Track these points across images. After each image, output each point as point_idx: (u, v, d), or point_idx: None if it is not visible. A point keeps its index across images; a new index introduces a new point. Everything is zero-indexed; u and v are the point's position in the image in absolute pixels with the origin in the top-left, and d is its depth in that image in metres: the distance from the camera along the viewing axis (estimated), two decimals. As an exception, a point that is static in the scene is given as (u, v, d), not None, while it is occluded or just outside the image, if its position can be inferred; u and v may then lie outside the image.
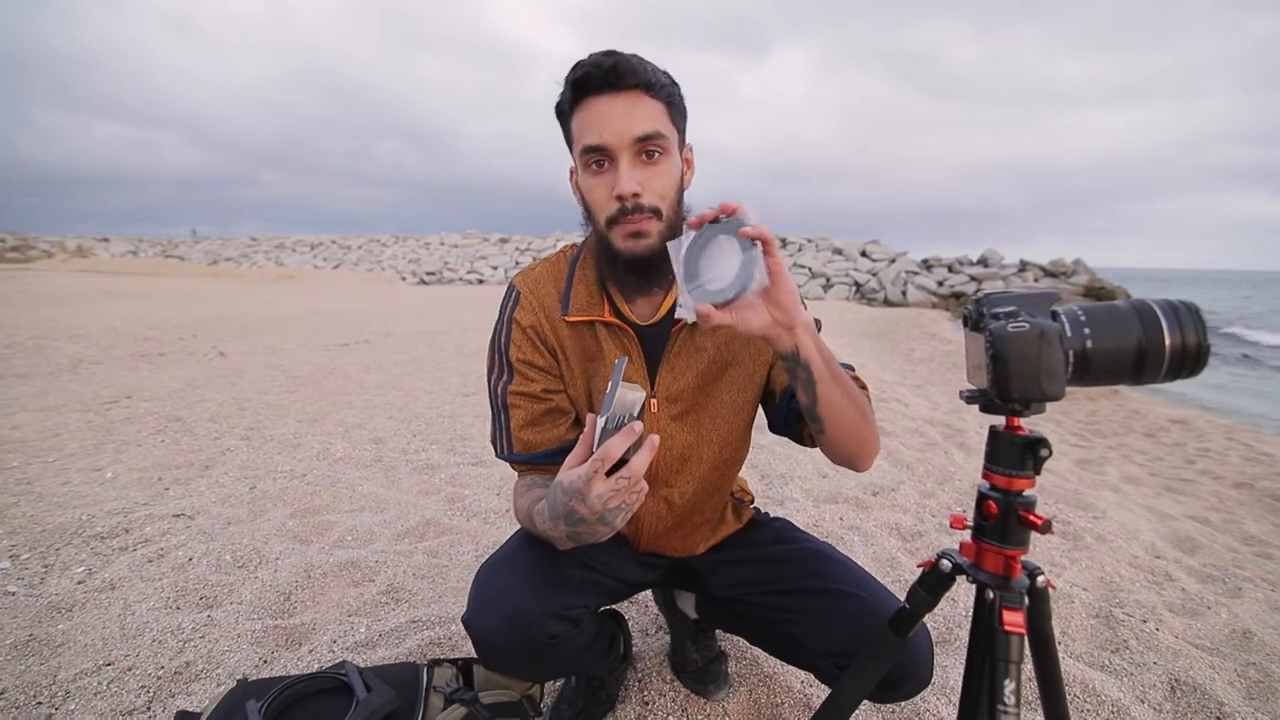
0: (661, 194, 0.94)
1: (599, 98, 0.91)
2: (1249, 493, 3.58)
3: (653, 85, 0.92)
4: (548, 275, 1.08)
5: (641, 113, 0.91)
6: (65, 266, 27.05)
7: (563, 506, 0.81)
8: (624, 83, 0.90)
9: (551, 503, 0.84)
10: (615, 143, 0.90)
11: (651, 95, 0.92)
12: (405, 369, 5.30)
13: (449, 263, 31.95)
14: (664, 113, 0.94)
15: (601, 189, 0.94)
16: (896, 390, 5.18)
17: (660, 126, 0.92)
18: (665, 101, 0.94)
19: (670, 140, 0.94)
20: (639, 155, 0.92)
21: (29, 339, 6.19)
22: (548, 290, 1.07)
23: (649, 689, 1.41)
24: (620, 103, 0.91)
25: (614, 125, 0.90)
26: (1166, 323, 0.66)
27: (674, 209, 0.96)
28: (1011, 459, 0.71)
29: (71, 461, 2.77)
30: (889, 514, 2.42)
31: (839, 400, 0.88)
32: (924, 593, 0.80)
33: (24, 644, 1.49)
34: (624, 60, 0.90)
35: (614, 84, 0.90)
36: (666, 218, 0.95)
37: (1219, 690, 1.45)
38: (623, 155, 0.91)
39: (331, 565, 1.90)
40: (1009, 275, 23.43)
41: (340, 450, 3.05)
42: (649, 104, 0.92)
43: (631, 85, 0.90)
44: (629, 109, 0.90)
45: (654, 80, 0.92)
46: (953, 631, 1.65)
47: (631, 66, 0.90)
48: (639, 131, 0.90)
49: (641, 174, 0.92)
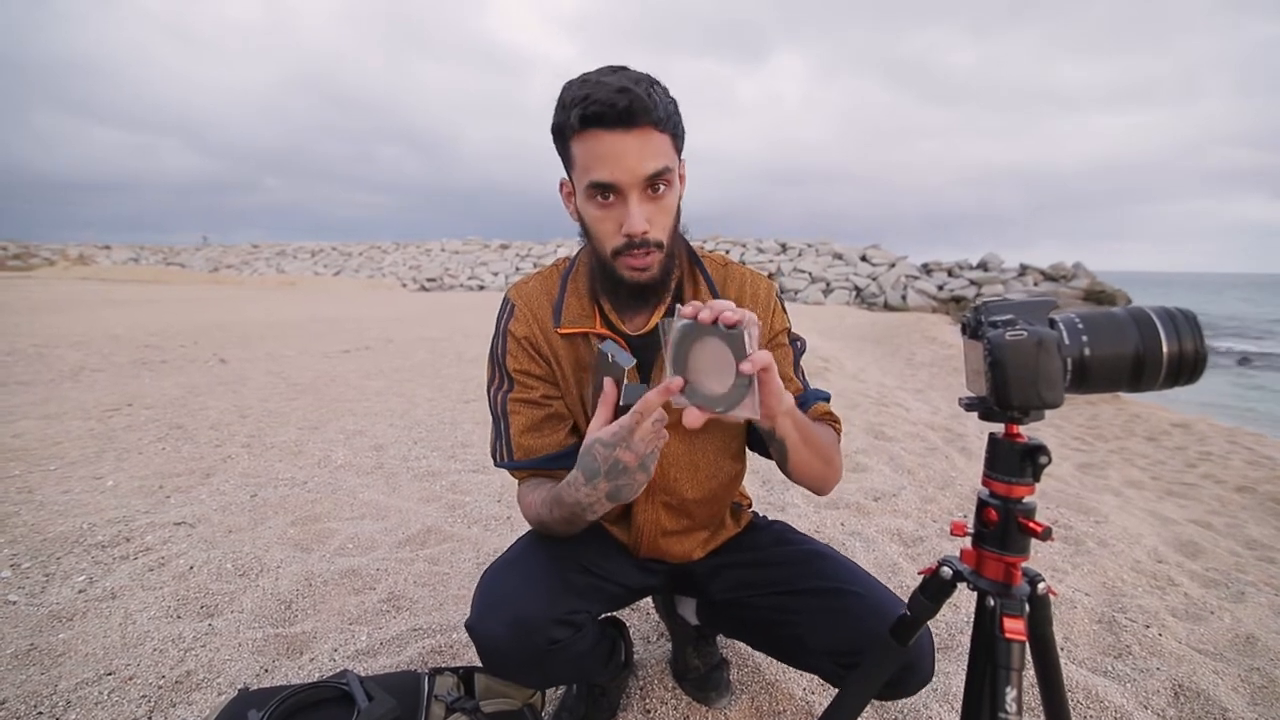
0: (663, 227, 0.95)
1: (610, 133, 0.89)
2: (1251, 497, 3.58)
3: (661, 120, 0.90)
4: (540, 288, 1.10)
5: (651, 150, 0.90)
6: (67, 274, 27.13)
7: (605, 461, 0.84)
8: (637, 121, 0.89)
9: (587, 465, 0.86)
10: (627, 181, 0.90)
11: (660, 129, 0.91)
12: (406, 376, 5.30)
13: (450, 269, 32.01)
14: (670, 145, 0.93)
15: (609, 222, 0.94)
16: (897, 395, 5.18)
17: (669, 161, 0.92)
18: (671, 133, 0.93)
19: (675, 172, 0.95)
20: (647, 191, 0.92)
21: (31, 346, 6.20)
22: (541, 303, 1.08)
23: (650, 697, 1.41)
24: (632, 141, 0.89)
25: (626, 164, 0.90)
26: (1164, 330, 0.67)
27: (672, 236, 0.98)
28: (1011, 466, 0.71)
29: (73, 469, 2.77)
30: (890, 519, 2.41)
31: (807, 459, 0.96)
32: (925, 600, 0.80)
33: (25, 653, 1.49)
34: (638, 98, 0.88)
35: (626, 121, 0.89)
36: (667, 246, 0.97)
37: (1222, 696, 1.45)
38: (633, 193, 0.91)
39: (332, 573, 1.90)
40: (1009, 279, 23.45)
41: (341, 457, 3.05)
42: (658, 140, 0.91)
43: (644, 122, 0.89)
44: (640, 147, 0.90)
45: (663, 114, 0.91)
46: (954, 638, 1.64)
47: (645, 105, 0.88)
48: (650, 170, 0.90)
49: (648, 209, 0.93)
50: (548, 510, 0.99)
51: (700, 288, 1.08)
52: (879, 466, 3.03)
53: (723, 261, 1.12)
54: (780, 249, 28.75)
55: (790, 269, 26.18)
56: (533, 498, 1.04)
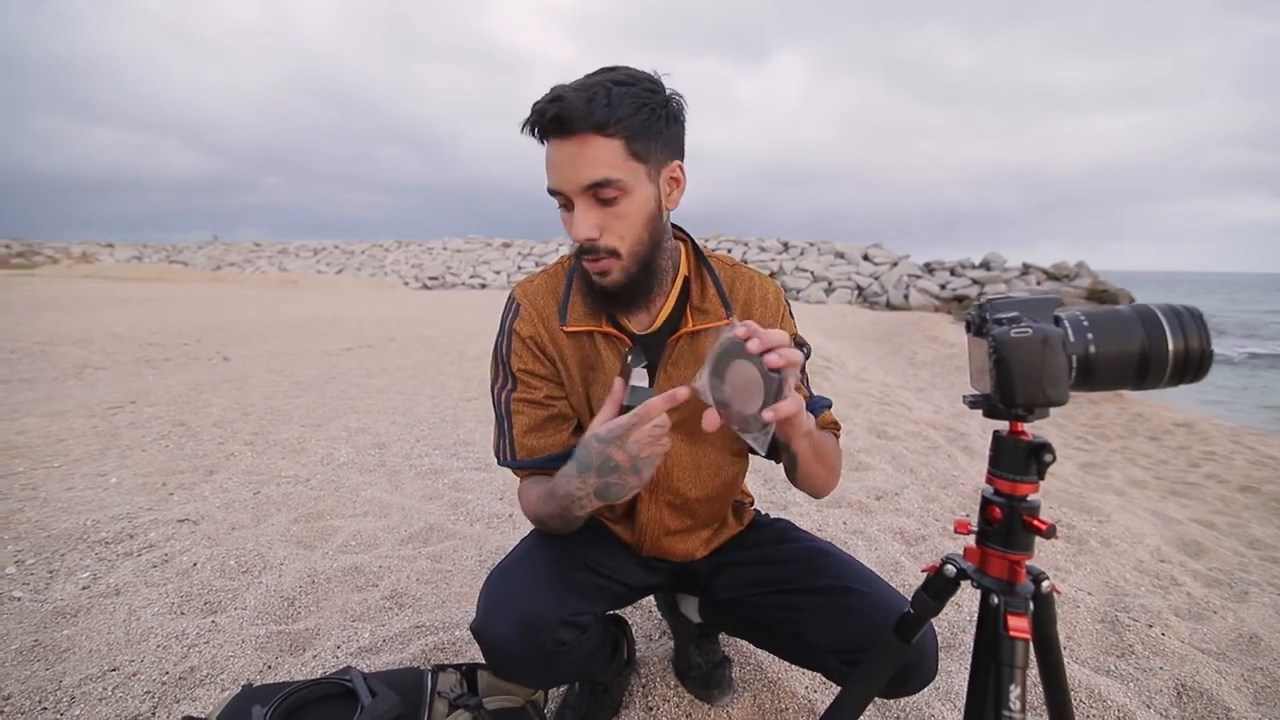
0: (621, 234, 0.92)
1: (552, 141, 0.89)
2: (1255, 496, 3.57)
3: (605, 124, 0.86)
4: (546, 286, 1.09)
5: (590, 159, 0.87)
6: (71, 273, 27.19)
7: (598, 455, 0.84)
8: (572, 128, 0.86)
9: (582, 457, 0.87)
10: (568, 189, 0.90)
11: (606, 135, 0.87)
12: (408, 374, 5.31)
13: (451, 267, 32.03)
14: (620, 151, 0.88)
15: (567, 226, 0.93)
16: (899, 394, 5.17)
17: (611, 170, 0.88)
18: (625, 137, 0.88)
19: (627, 180, 0.89)
20: (592, 199, 0.90)
21: (34, 344, 6.22)
22: (546, 301, 1.08)
23: (653, 694, 1.41)
24: (568, 149, 0.88)
25: (563, 172, 0.89)
26: (1169, 327, 0.66)
27: (638, 244, 0.94)
28: (1015, 464, 0.71)
29: (76, 467, 2.78)
30: (892, 518, 2.41)
31: (814, 470, 1.00)
32: (928, 598, 0.80)
33: (29, 649, 1.49)
34: (568, 105, 0.85)
35: (559, 130, 0.87)
36: (629, 254, 0.94)
37: (1226, 695, 1.44)
38: (577, 201, 0.90)
39: (335, 570, 1.90)
40: (1011, 278, 23.40)
41: (344, 455, 3.05)
42: (600, 147, 0.87)
43: (581, 130, 0.86)
44: (576, 156, 0.87)
45: (607, 118, 0.86)
46: (957, 636, 1.64)
47: (578, 110, 0.85)
48: (587, 179, 0.88)
49: (597, 217, 0.91)
50: (544, 504, 1.00)
51: (707, 288, 1.07)
52: (881, 465, 3.03)
53: (731, 263, 1.12)
54: (782, 248, 28.73)
55: (792, 268, 26.16)
56: (532, 493, 1.05)
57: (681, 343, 1.05)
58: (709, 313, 1.05)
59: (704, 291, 1.07)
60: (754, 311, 1.08)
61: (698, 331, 1.05)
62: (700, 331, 1.05)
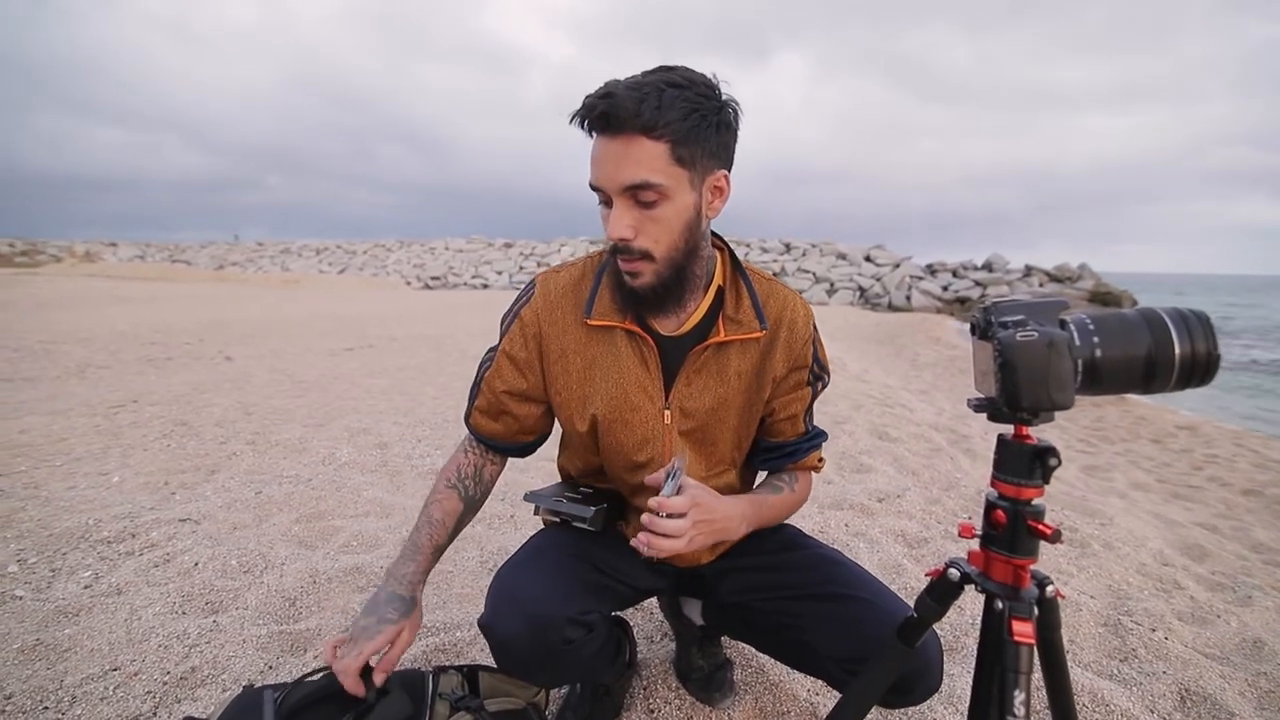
0: (656, 238, 0.92)
1: (599, 137, 0.89)
2: (1258, 500, 3.56)
3: (652, 126, 0.84)
4: (571, 280, 1.09)
5: (632, 160, 0.86)
6: (74, 271, 27.25)
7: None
8: (619, 127, 0.85)
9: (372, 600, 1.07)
10: (608, 186, 0.89)
11: (652, 137, 0.85)
12: (410, 374, 5.31)
13: (453, 268, 32.05)
14: (664, 155, 0.87)
15: (605, 222, 0.93)
16: (901, 396, 5.16)
17: (653, 174, 0.87)
18: (672, 141, 0.86)
19: (668, 186, 0.88)
20: (631, 200, 0.89)
21: (37, 343, 6.23)
22: (565, 294, 1.08)
23: (654, 697, 1.41)
24: (613, 147, 0.87)
25: (605, 170, 0.89)
26: (1176, 332, 0.66)
27: (672, 250, 0.94)
28: (1020, 468, 0.71)
29: (78, 466, 2.78)
30: (894, 520, 2.41)
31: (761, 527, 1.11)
32: (932, 602, 0.80)
33: (31, 648, 1.49)
34: (618, 103, 0.84)
35: (605, 127, 0.87)
36: (663, 258, 0.94)
37: (1230, 700, 1.44)
38: (615, 199, 0.90)
39: (337, 570, 1.90)
40: (1014, 280, 23.37)
41: (345, 455, 3.05)
42: (645, 149, 0.86)
43: (628, 129, 0.85)
44: (620, 156, 0.87)
45: (655, 120, 0.84)
46: (959, 639, 1.64)
47: (628, 109, 0.84)
48: (626, 181, 0.87)
49: (634, 217, 0.90)
50: (436, 484, 1.15)
51: (742, 299, 1.06)
52: (883, 467, 3.02)
53: (767, 277, 1.11)
54: (784, 249, 28.71)
55: (794, 269, 26.14)
56: (450, 466, 1.16)
57: (708, 352, 1.04)
58: (742, 324, 1.04)
59: (739, 303, 1.05)
60: (782, 332, 1.07)
61: (727, 342, 1.04)
62: (729, 343, 1.04)
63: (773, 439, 1.14)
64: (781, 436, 1.13)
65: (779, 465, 1.15)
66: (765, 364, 1.07)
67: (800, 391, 1.11)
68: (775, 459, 1.14)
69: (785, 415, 1.11)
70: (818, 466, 1.18)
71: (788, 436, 1.13)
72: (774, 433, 1.13)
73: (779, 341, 1.07)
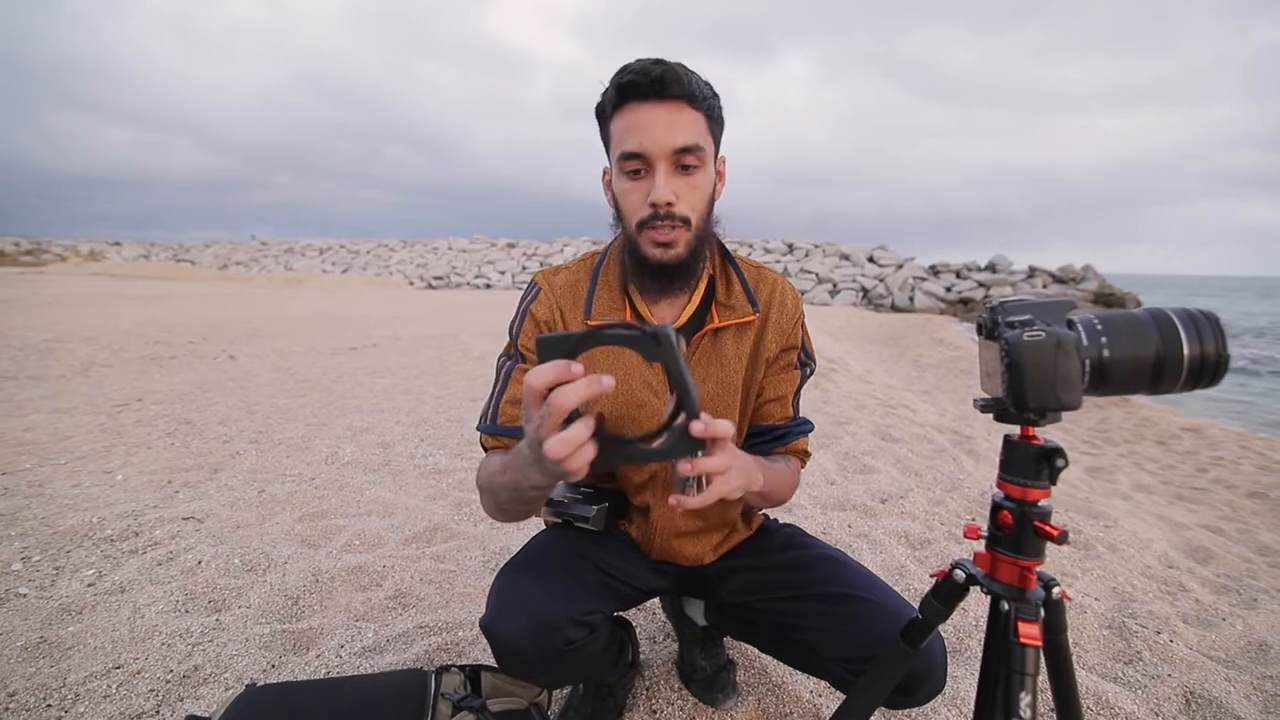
0: (694, 205, 0.96)
1: (643, 105, 0.92)
2: (1263, 502, 3.54)
3: (696, 97, 0.92)
4: (569, 280, 1.11)
5: (683, 123, 0.92)
6: (78, 270, 27.34)
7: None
8: (670, 92, 0.91)
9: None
10: (655, 151, 0.92)
11: (694, 107, 0.93)
12: (413, 373, 5.31)
13: (456, 267, 32.10)
14: (704, 125, 0.94)
15: (636, 194, 0.95)
16: (904, 396, 5.15)
17: (699, 139, 0.93)
18: (706, 114, 0.94)
19: (707, 153, 0.95)
20: (675, 166, 0.93)
21: (42, 341, 6.25)
22: (565, 294, 1.09)
23: (657, 697, 1.40)
24: (663, 112, 0.92)
25: (655, 134, 0.91)
26: (1185, 332, 0.65)
27: (704, 220, 0.99)
28: (1027, 469, 0.70)
29: (82, 464, 2.79)
30: (898, 521, 2.40)
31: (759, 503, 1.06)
32: (937, 603, 0.79)
33: (34, 646, 1.50)
34: (671, 70, 0.91)
35: (659, 93, 0.91)
36: (696, 228, 0.97)
37: (1235, 703, 1.43)
38: (660, 164, 0.92)
39: (339, 570, 1.90)
40: (1018, 281, 23.33)
41: (348, 454, 3.05)
42: (690, 115, 0.93)
43: (676, 95, 0.91)
44: (671, 119, 0.92)
45: (698, 92, 0.92)
46: (964, 641, 1.63)
47: (678, 76, 0.91)
48: (679, 143, 0.92)
49: (677, 183, 0.94)
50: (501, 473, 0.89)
51: (733, 285, 1.08)
52: (886, 468, 3.02)
53: (755, 264, 1.13)
54: (787, 249, 28.70)
55: (797, 270, 26.12)
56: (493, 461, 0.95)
57: (706, 339, 1.06)
58: (735, 309, 1.07)
59: (730, 289, 1.08)
60: (772, 313, 1.09)
61: (723, 328, 1.06)
62: (725, 328, 1.07)
63: (761, 422, 1.13)
64: (770, 419, 1.12)
65: (768, 449, 1.14)
66: (759, 345, 1.09)
67: (790, 373, 1.12)
68: (765, 442, 1.13)
69: (775, 396, 1.11)
70: (805, 455, 1.16)
71: (776, 420, 1.13)
72: (763, 415, 1.12)
73: (770, 322, 1.09)
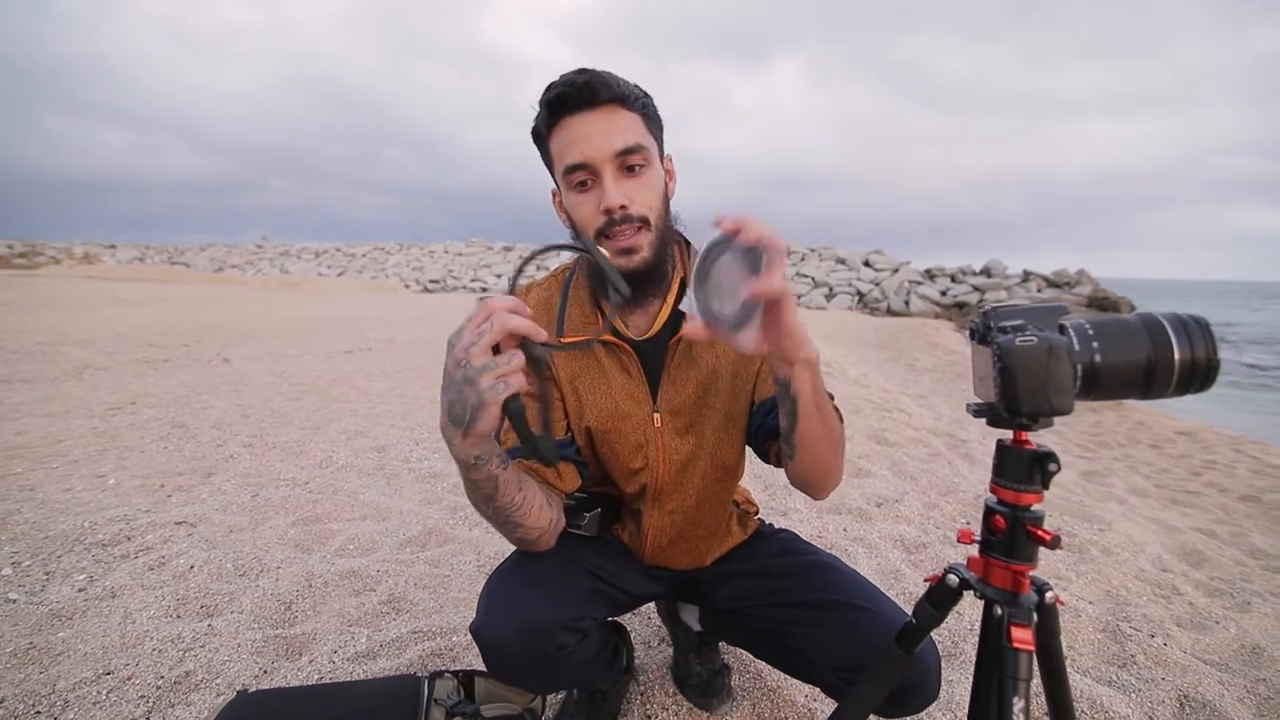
0: (649, 204, 0.95)
1: (576, 116, 0.91)
2: (1256, 505, 3.55)
3: (627, 98, 0.92)
4: (543, 296, 1.09)
5: (620, 126, 0.92)
6: (72, 273, 27.21)
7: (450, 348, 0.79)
8: (599, 98, 0.91)
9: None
10: (597, 157, 0.91)
11: (628, 108, 0.93)
12: (408, 376, 5.30)
13: (453, 271, 32.06)
14: (641, 124, 0.94)
15: (588, 205, 0.93)
16: (900, 400, 5.16)
17: (640, 138, 0.93)
18: (641, 113, 0.94)
19: (651, 151, 0.95)
20: (622, 169, 0.93)
21: (35, 344, 6.22)
22: (541, 310, 1.07)
23: (651, 702, 1.40)
24: (598, 118, 0.91)
25: (594, 140, 0.91)
26: (1175, 337, 0.66)
27: (662, 219, 0.97)
28: (1019, 473, 0.71)
29: (75, 468, 2.77)
30: (893, 525, 2.40)
31: (817, 435, 0.88)
32: (931, 608, 0.79)
33: (24, 652, 1.48)
34: (597, 76, 0.91)
35: (589, 100, 0.91)
36: (656, 228, 0.96)
37: (1229, 707, 1.43)
38: (606, 170, 0.91)
39: (333, 574, 1.89)
40: (1012, 285, 23.42)
41: (343, 458, 3.04)
42: (626, 116, 0.93)
43: (607, 100, 0.91)
44: (608, 123, 0.91)
45: (629, 93, 0.92)
46: (957, 646, 1.63)
47: (605, 81, 0.91)
48: (620, 145, 0.91)
49: (626, 186, 0.93)
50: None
51: None
52: (881, 472, 3.02)
53: None
54: (783, 254, 28.74)
55: (793, 274, 26.19)
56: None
57: (682, 346, 1.04)
58: None
59: None
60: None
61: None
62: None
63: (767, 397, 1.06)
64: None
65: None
66: None
67: None
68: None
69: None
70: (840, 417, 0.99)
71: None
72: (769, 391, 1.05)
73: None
